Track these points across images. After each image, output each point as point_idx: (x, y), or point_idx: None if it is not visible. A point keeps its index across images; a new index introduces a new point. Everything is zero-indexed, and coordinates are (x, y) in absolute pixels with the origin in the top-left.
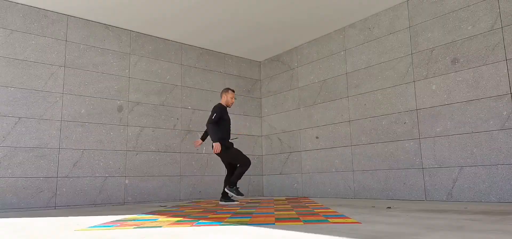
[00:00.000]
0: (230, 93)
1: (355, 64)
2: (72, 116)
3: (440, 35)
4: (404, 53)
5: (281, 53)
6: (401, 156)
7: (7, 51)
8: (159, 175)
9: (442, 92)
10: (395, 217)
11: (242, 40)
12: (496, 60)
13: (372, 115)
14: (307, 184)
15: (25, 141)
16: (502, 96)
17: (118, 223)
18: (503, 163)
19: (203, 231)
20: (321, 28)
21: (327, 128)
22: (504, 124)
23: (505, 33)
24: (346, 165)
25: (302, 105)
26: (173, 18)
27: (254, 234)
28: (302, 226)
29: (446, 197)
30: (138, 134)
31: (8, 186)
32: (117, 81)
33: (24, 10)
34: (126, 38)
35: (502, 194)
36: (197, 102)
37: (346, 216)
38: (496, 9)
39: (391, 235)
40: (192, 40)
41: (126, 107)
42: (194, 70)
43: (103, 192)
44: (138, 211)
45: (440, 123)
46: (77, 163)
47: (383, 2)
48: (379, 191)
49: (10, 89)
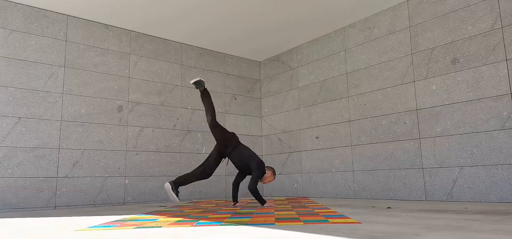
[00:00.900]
0: (272, 176)
1: (355, 64)
2: (72, 116)
3: (440, 35)
4: (404, 53)
5: (281, 53)
6: (401, 156)
7: (7, 51)
8: (159, 175)
9: (442, 92)
10: (395, 217)
11: (242, 40)
12: (496, 60)
13: (372, 115)
14: (307, 184)
15: (25, 141)
16: (502, 96)
17: (118, 223)
18: (503, 163)
19: (203, 231)
20: (321, 28)
21: (327, 128)
22: (504, 124)
23: (505, 33)
24: (346, 165)
25: (302, 105)
26: (173, 18)
27: (254, 234)
28: (302, 226)
29: (446, 197)
30: (138, 134)
31: (8, 186)
32: (117, 81)
33: (24, 10)
34: (126, 38)
35: (502, 194)
36: (197, 102)
37: (346, 216)
38: (496, 9)
39: (391, 235)
40: (192, 40)
41: (126, 107)
42: (194, 70)
43: (103, 192)
44: (138, 211)
45: (440, 123)
46: (77, 163)
47: (383, 2)
48: (379, 191)
49: (10, 89)
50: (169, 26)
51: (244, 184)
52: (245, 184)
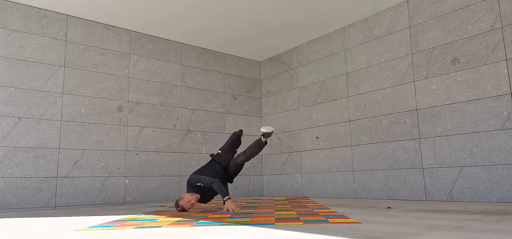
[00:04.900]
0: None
1: (355, 64)
2: (72, 116)
3: (440, 35)
4: (404, 53)
5: (281, 53)
6: (401, 156)
7: (7, 51)
8: (159, 175)
9: (442, 92)
10: (395, 217)
11: (242, 40)
12: (496, 60)
13: (372, 115)
14: (307, 184)
15: (25, 141)
16: (502, 96)
17: (118, 223)
18: (503, 163)
19: (203, 231)
20: (321, 28)
21: (327, 128)
22: (504, 124)
23: (505, 33)
24: (346, 165)
25: (302, 105)
26: (173, 18)
27: (254, 234)
28: (302, 226)
29: (446, 197)
30: (138, 134)
31: (8, 186)
32: (117, 81)
33: (24, 10)
34: (126, 38)
35: (502, 194)
36: (197, 102)
37: (346, 216)
38: (496, 9)
39: (391, 235)
40: (192, 40)
41: (126, 107)
42: (194, 70)
43: (103, 192)
44: (138, 211)
45: (440, 123)
46: (77, 163)
47: (383, 2)
48: (379, 191)
49: (10, 89)
50: (169, 26)
51: (243, 183)
52: (244, 183)
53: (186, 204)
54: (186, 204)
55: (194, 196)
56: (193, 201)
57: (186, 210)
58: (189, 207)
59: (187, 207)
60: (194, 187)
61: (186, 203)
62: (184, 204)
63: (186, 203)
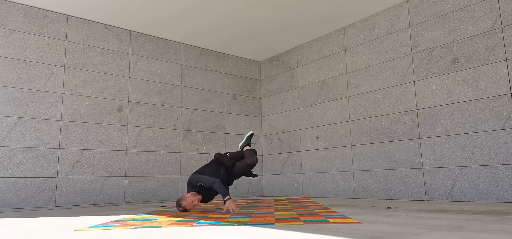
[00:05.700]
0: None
1: (355, 64)
2: (72, 116)
3: (440, 35)
4: (404, 53)
5: (281, 53)
6: (401, 156)
7: (7, 51)
8: (159, 175)
9: (442, 92)
10: (395, 217)
11: (242, 40)
12: (496, 60)
13: (372, 115)
14: (307, 184)
15: (25, 141)
16: (502, 96)
17: (118, 223)
18: (503, 163)
19: (203, 231)
20: (321, 28)
21: (327, 128)
22: (504, 124)
23: (505, 33)
24: (346, 165)
25: (302, 105)
26: (173, 18)
27: (254, 234)
28: (302, 226)
29: (446, 197)
30: (138, 134)
31: (8, 186)
32: (117, 81)
33: (24, 10)
34: (126, 38)
35: (502, 194)
36: (197, 102)
37: (346, 216)
38: (496, 9)
39: (391, 235)
40: (192, 40)
41: (126, 107)
42: (194, 70)
43: (103, 192)
44: (138, 211)
45: (440, 123)
46: (77, 163)
47: (383, 2)
48: (379, 191)
49: (10, 89)
50: (169, 26)
51: (243, 183)
52: (243, 183)
53: (189, 205)
54: (189, 205)
55: (197, 197)
56: (196, 202)
57: (188, 210)
58: (192, 208)
59: (190, 208)
60: (195, 187)
61: (189, 204)
62: (187, 205)
63: (189, 204)
